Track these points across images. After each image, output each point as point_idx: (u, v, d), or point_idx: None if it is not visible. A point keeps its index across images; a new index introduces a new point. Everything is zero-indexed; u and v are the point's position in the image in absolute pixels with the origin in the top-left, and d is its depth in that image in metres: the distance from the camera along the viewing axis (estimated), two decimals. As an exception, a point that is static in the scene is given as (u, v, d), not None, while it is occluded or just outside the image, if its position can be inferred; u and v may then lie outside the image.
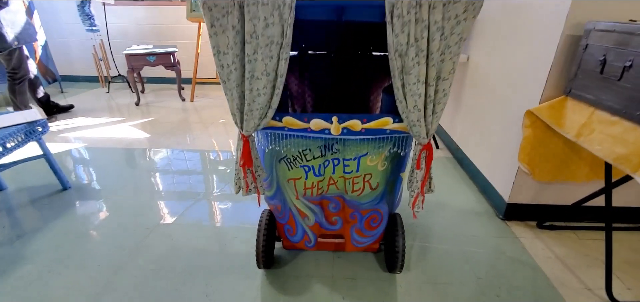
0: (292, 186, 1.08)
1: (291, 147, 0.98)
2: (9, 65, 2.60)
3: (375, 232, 1.21)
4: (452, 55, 0.76)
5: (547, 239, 1.52)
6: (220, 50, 0.77)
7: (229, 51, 0.76)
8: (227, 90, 0.82)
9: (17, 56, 2.60)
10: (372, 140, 0.96)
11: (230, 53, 0.76)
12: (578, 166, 1.45)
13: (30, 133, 1.63)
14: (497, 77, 1.74)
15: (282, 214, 1.19)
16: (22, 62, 2.64)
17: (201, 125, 2.89)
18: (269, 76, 0.79)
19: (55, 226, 1.57)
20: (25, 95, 2.74)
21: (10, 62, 2.58)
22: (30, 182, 1.94)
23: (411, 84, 0.78)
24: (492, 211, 1.71)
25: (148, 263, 1.34)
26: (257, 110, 0.84)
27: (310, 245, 1.24)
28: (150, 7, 3.98)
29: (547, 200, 1.58)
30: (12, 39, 2.49)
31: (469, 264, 1.37)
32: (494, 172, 1.76)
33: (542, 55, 1.36)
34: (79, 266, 1.33)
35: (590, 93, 1.16)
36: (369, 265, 1.34)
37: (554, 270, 1.34)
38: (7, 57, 2.57)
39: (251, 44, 0.74)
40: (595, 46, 1.14)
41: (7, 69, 2.61)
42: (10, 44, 2.49)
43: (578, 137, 1.19)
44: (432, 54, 0.75)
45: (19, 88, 2.66)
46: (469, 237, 1.52)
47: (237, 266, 1.34)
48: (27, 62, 2.69)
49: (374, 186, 1.07)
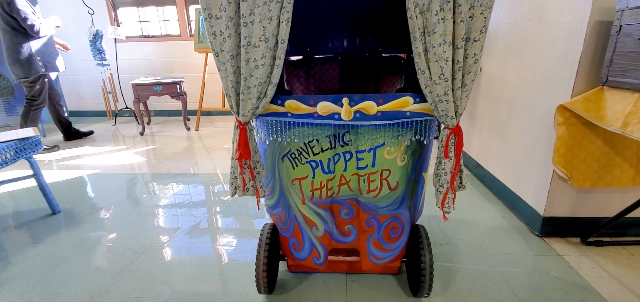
0: (298, 188, 0.93)
1: (295, 137, 0.85)
2: (30, 92, 2.70)
3: (396, 244, 1.03)
4: (483, 9, 0.64)
5: (596, 257, 1.30)
6: (212, 14, 0.67)
7: (221, 14, 0.66)
8: (221, 64, 0.71)
9: (41, 84, 2.71)
10: (389, 127, 0.83)
11: (223, 16, 0.66)
12: (622, 169, 1.27)
13: (20, 150, 1.53)
14: (517, 82, 1.62)
15: (286, 225, 1.03)
16: (43, 91, 2.74)
17: (204, 152, 2.80)
18: (268, 43, 0.68)
19: (37, 250, 1.41)
20: (37, 123, 2.83)
21: (33, 89, 2.68)
22: (18, 207, 1.82)
23: (436, 47, 0.66)
24: (525, 228, 1.51)
25: (131, 290, 1.16)
26: (255, 87, 0.72)
27: (320, 262, 1.05)
28: (159, 43, 4.10)
29: (588, 212, 1.38)
30: (40, 66, 2.63)
31: (508, 286, 1.15)
32: (523, 185, 1.57)
33: (568, 48, 1.25)
34: (54, 294, 1.15)
35: (632, 77, 1.03)
36: (389, 289, 1.14)
37: (612, 291, 1.12)
38: (31, 84, 2.67)
39: (247, 2, 0.64)
40: (632, 25, 1.03)
41: (27, 95, 2.72)
42: (38, 70, 2.62)
43: (625, 128, 1.03)
44: (459, 6, 0.63)
45: (33, 115, 2.75)
46: (503, 256, 1.31)
47: (234, 292, 1.15)
48: (46, 91, 2.78)
49: (393, 185, 0.91)
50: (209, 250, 1.39)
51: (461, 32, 0.65)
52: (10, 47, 2.57)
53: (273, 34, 0.67)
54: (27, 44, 2.59)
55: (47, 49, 2.73)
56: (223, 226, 1.59)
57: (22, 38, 2.57)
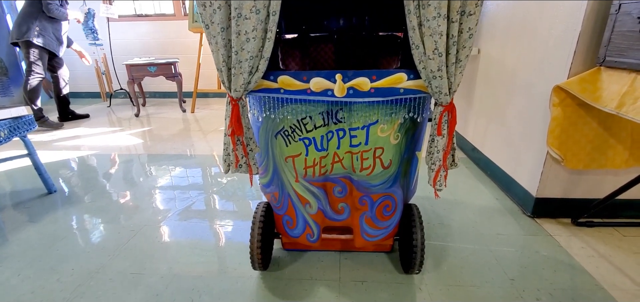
0: (291, 166, 0.93)
1: (288, 114, 0.84)
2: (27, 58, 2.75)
3: (388, 223, 1.04)
4: (478, -18, 0.63)
5: (586, 237, 1.32)
6: (201, -17, 0.65)
7: (211, -17, 0.64)
8: (211, 37, 0.70)
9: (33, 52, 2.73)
10: (383, 104, 0.82)
11: (213, -15, 0.64)
12: (616, 151, 1.28)
13: (14, 129, 1.52)
14: (515, 64, 1.61)
15: (280, 202, 1.03)
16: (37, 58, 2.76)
17: (200, 134, 2.78)
18: (259, 14, 0.66)
19: (33, 229, 1.42)
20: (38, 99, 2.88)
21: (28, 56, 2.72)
22: (14, 186, 1.82)
23: (430, 20, 0.65)
24: (517, 209, 1.53)
25: (128, 266, 1.17)
26: (247, 61, 0.70)
27: (313, 240, 1.07)
28: (153, 23, 4.01)
29: (580, 193, 1.39)
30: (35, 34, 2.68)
31: (499, 264, 1.17)
32: (517, 167, 1.58)
33: (567, 28, 1.23)
34: (51, 270, 1.16)
35: (630, 57, 1.02)
36: (381, 266, 1.16)
37: (600, 270, 1.14)
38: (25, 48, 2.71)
39: (237, -28, 0.63)
40: (632, 4, 1.01)
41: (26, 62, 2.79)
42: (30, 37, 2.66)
43: (620, 108, 1.03)
44: (455, -23, 0.62)
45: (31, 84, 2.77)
46: (495, 236, 1.33)
47: (230, 268, 1.16)
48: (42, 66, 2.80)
49: (386, 163, 0.91)
50: (205, 229, 1.41)
51: (456, 5, 0.64)
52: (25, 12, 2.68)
53: (264, 6, 0.66)
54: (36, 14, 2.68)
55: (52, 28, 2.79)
56: (219, 207, 1.60)
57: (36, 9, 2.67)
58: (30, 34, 2.66)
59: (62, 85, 3.06)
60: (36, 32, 2.68)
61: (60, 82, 3.04)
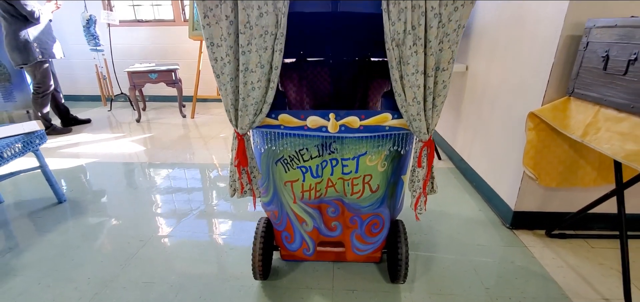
0: (289, 189, 1.04)
1: (287, 146, 0.95)
2: (33, 79, 2.81)
3: (376, 238, 1.16)
4: (451, 44, 0.74)
5: (558, 248, 1.45)
6: (213, 42, 0.75)
7: (222, 43, 0.75)
8: (221, 84, 0.80)
9: (42, 70, 2.79)
10: (371, 138, 0.93)
11: (223, 45, 0.75)
12: (585, 171, 1.40)
13: (27, 143, 1.61)
14: (498, 84, 1.73)
15: (280, 220, 1.14)
16: (45, 77, 2.84)
17: (201, 141, 2.88)
18: (264, 68, 0.77)
19: (47, 238, 1.52)
20: (47, 108, 2.97)
21: (35, 77, 2.78)
22: (26, 196, 1.91)
23: (409, 75, 0.76)
24: (498, 220, 1.65)
25: (140, 276, 1.28)
26: (252, 105, 0.81)
27: (309, 253, 1.18)
28: (153, 28, 4.08)
29: (555, 207, 1.52)
30: (37, 52, 2.70)
31: (477, 274, 1.30)
32: (499, 180, 1.71)
33: (542, 57, 1.35)
34: (68, 279, 1.27)
35: (594, 91, 1.14)
36: (370, 276, 1.28)
37: (568, 280, 1.27)
38: (31, 71, 2.77)
39: (245, 35, 0.73)
40: (597, 43, 1.13)
41: (33, 82, 2.83)
42: (35, 57, 2.69)
43: (584, 137, 1.15)
44: (430, 42, 0.73)
45: (41, 101, 2.89)
46: (476, 247, 1.46)
47: (233, 277, 1.27)
48: (50, 77, 2.88)
49: (374, 188, 1.03)
50: (209, 238, 1.51)
51: (431, 63, 0.75)
52: (9, 34, 2.62)
53: (268, 61, 0.76)
54: (25, 31, 2.64)
55: (44, 35, 2.79)
56: (221, 215, 1.70)
57: (21, 25, 2.61)
58: (34, 55, 2.68)
59: (60, 98, 3.15)
60: (38, 51, 2.71)
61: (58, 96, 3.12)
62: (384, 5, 0.71)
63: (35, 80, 2.82)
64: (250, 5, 0.71)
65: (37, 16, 2.63)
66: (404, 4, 0.69)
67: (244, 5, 0.71)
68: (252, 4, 0.70)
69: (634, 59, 0.98)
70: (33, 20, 2.62)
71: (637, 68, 0.98)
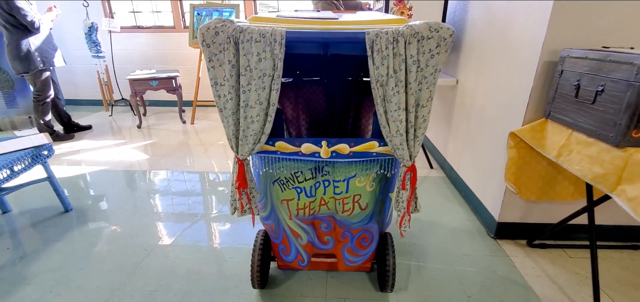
0: (286, 207, 1.13)
1: (284, 169, 1.04)
2: (34, 87, 2.86)
3: (366, 251, 1.25)
4: (428, 85, 0.83)
5: (538, 258, 1.54)
6: (217, 82, 0.84)
7: (225, 83, 0.83)
8: (224, 118, 0.89)
9: (42, 79, 2.86)
10: (360, 162, 1.02)
11: (226, 84, 0.84)
12: (563, 186, 1.50)
13: (36, 157, 1.69)
14: (484, 100, 1.82)
15: (276, 234, 1.23)
16: (46, 85, 2.90)
17: (201, 148, 2.96)
18: (262, 105, 0.85)
19: (56, 247, 1.60)
20: (48, 115, 3.03)
21: (35, 85, 2.84)
22: (33, 204, 1.99)
23: (392, 111, 0.85)
24: (484, 230, 1.75)
25: (146, 284, 1.37)
26: (251, 136, 0.90)
27: (304, 264, 1.27)
28: (153, 34, 4.15)
29: (536, 218, 1.62)
30: (38, 61, 2.77)
31: (460, 283, 1.39)
32: (484, 192, 1.80)
33: (523, 80, 1.44)
34: (78, 288, 1.35)
35: (567, 116, 1.23)
36: (361, 285, 1.37)
37: (544, 289, 1.37)
38: (31, 79, 2.82)
39: (245, 77, 0.82)
40: (570, 72, 1.22)
41: (34, 92, 2.88)
42: (37, 66, 2.76)
43: (558, 158, 1.24)
44: (410, 84, 0.82)
45: (42, 109, 2.94)
46: (461, 256, 1.55)
47: (233, 286, 1.36)
48: (50, 85, 2.95)
49: (363, 206, 1.12)
50: (209, 246, 1.60)
51: (412, 101, 0.84)
52: (10, 43, 2.67)
53: (266, 99, 0.85)
54: (25, 40, 2.70)
55: (45, 44, 2.85)
56: (222, 224, 1.79)
57: (21, 35, 2.67)
58: (36, 64, 2.75)
59: (61, 105, 3.22)
60: (39, 59, 2.77)
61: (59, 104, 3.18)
62: (369, 52, 0.80)
63: (35, 88, 2.87)
64: (250, 52, 0.79)
65: (38, 26, 2.69)
66: (386, 52, 0.78)
67: (244, 52, 0.79)
68: (252, 50, 0.79)
69: (601, 90, 1.08)
70: (33, 30, 2.69)
71: (604, 98, 1.07)
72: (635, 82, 0.96)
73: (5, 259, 1.52)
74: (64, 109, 3.27)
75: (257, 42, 0.79)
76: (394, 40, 0.78)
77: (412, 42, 0.78)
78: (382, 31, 0.78)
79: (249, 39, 0.79)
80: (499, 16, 1.68)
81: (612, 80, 1.04)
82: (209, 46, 0.80)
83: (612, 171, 1.04)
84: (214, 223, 1.81)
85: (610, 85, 1.05)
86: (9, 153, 1.62)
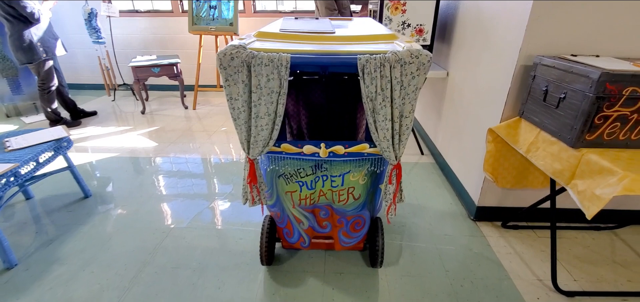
0: (289, 197, 1.31)
1: (288, 166, 1.21)
2: (38, 77, 2.97)
3: (359, 234, 1.44)
4: (410, 100, 0.98)
5: (510, 238, 1.76)
6: (232, 97, 0.99)
7: (239, 98, 0.98)
8: (237, 126, 1.05)
9: (46, 69, 2.96)
10: (353, 161, 1.19)
11: (240, 99, 0.99)
12: (534, 175, 1.69)
13: (58, 148, 1.84)
14: (470, 94, 1.97)
15: (281, 219, 1.42)
16: (49, 74, 3.00)
17: (205, 133, 3.11)
18: (270, 116, 1.01)
19: (82, 230, 1.79)
20: (54, 102, 3.14)
21: (39, 74, 2.95)
22: (52, 192, 2.16)
23: (380, 121, 1.01)
24: (465, 213, 1.95)
25: (167, 262, 1.57)
26: (261, 141, 1.06)
27: (305, 245, 1.47)
28: (153, 19, 4.18)
29: (510, 203, 1.82)
30: (41, 51, 2.85)
31: (440, 259, 1.60)
32: (467, 178, 1.99)
33: (502, 81, 1.59)
34: (107, 266, 1.55)
35: (537, 116, 1.40)
36: (355, 261, 1.58)
37: (512, 264, 1.58)
38: (35, 69, 2.92)
39: (256, 93, 0.97)
40: (541, 78, 1.37)
41: (38, 80, 2.99)
42: (40, 56, 2.85)
43: (527, 153, 1.42)
44: (394, 100, 0.97)
45: (48, 97, 3.06)
46: (443, 236, 1.76)
47: (243, 263, 1.57)
48: (54, 74, 3.05)
49: (356, 196, 1.30)
50: (221, 229, 1.80)
51: (397, 113, 1.00)
52: (12, 35, 2.75)
53: (273, 111, 1.00)
54: (27, 31, 2.77)
55: (46, 35, 2.92)
56: (231, 207, 1.98)
57: (22, 26, 2.74)
58: (38, 54, 2.82)
59: (66, 92, 3.32)
60: (42, 49, 2.85)
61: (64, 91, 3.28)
62: (361, 74, 0.95)
63: (40, 77, 2.97)
64: (261, 74, 0.94)
65: (37, 17, 2.75)
66: (374, 74, 0.93)
67: (255, 73, 0.94)
68: (262, 72, 0.94)
69: (563, 97, 1.24)
70: (33, 21, 2.75)
71: (565, 104, 1.23)
72: (590, 93, 1.12)
73: (36, 242, 1.71)
74: (69, 96, 3.37)
75: (267, 66, 0.93)
76: (381, 64, 0.92)
77: (396, 66, 0.93)
78: (371, 57, 0.93)
79: (259, 63, 0.93)
80: (486, 16, 1.80)
81: (572, 90, 1.20)
82: (226, 69, 0.94)
83: (568, 167, 1.23)
84: (224, 206, 1.99)
85: (570, 94, 1.21)
86: (32, 146, 1.77)
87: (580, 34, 1.41)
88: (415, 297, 1.40)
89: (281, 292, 1.42)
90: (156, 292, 1.41)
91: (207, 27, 3.54)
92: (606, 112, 1.14)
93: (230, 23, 3.54)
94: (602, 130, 1.17)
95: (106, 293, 1.41)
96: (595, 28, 1.40)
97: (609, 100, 1.12)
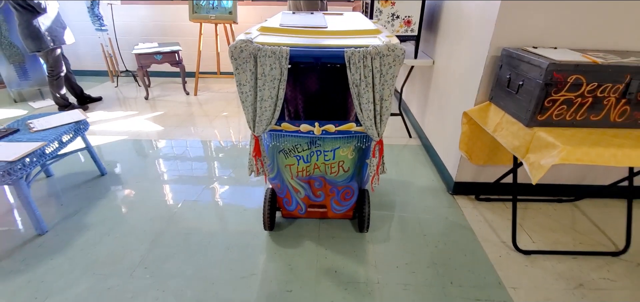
0: (288, 170, 1.53)
1: (287, 143, 1.42)
2: (47, 63, 3.12)
3: (348, 203, 1.67)
4: (389, 86, 1.19)
5: (482, 209, 2.00)
6: (241, 83, 1.19)
7: (247, 84, 1.18)
8: (245, 107, 1.25)
9: (54, 56, 3.11)
10: (343, 137, 1.41)
11: (247, 85, 1.19)
12: (503, 153, 1.92)
13: (77, 130, 2.03)
14: (451, 81, 2.18)
15: (281, 190, 1.64)
16: (57, 62, 3.16)
17: (206, 119, 3.30)
18: (273, 99, 1.22)
19: (102, 203, 2.00)
20: (62, 88, 3.32)
21: (48, 62, 3.10)
22: (71, 170, 2.35)
23: (364, 104, 1.22)
24: (445, 188, 2.19)
25: (180, 229, 1.79)
26: (265, 120, 1.27)
27: (302, 212, 1.70)
28: (153, 6, 4.29)
29: (483, 178, 2.05)
30: (49, 40, 2.99)
31: (420, 226, 1.84)
32: (447, 157, 2.22)
33: (476, 69, 1.80)
34: (129, 233, 1.77)
35: (502, 101, 1.62)
36: (345, 228, 1.81)
37: (481, 230, 1.83)
38: (44, 57, 3.08)
39: (261, 80, 1.17)
40: (506, 67, 1.59)
41: (47, 67, 3.16)
42: (48, 45, 2.99)
43: (494, 132, 1.64)
44: (376, 85, 1.18)
45: (56, 83, 3.23)
46: (424, 208, 2.00)
47: (248, 230, 1.79)
48: (62, 62, 3.21)
49: (346, 169, 1.52)
50: (228, 200, 2.02)
51: (378, 97, 1.21)
52: (21, 24, 2.89)
53: (276, 95, 1.20)
54: (35, 20, 2.90)
55: (54, 24, 3.05)
56: (236, 183, 2.20)
57: (30, 15, 2.87)
58: (46, 43, 2.96)
59: (74, 79, 3.47)
60: (50, 38, 2.98)
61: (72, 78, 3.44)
62: (347, 64, 1.15)
63: (48, 65, 3.12)
64: (265, 64, 1.14)
65: (44, 7, 2.89)
66: (358, 64, 1.13)
67: (260, 63, 1.13)
68: (266, 63, 1.13)
69: (521, 84, 1.45)
70: (40, 11, 2.88)
71: (523, 90, 1.45)
72: (540, 80, 1.34)
73: (61, 213, 1.92)
74: (77, 83, 3.52)
75: (270, 57, 1.13)
76: (364, 57, 1.13)
77: (376, 58, 1.13)
78: (356, 50, 1.13)
79: (264, 55, 1.13)
80: (465, 12, 2.00)
81: (528, 78, 1.41)
82: (236, 59, 1.14)
83: (523, 144, 1.45)
84: (229, 183, 2.21)
85: (526, 81, 1.42)
86: (54, 127, 1.96)
87: (542, 29, 1.62)
88: (396, 255, 1.64)
89: (281, 252, 1.65)
90: (173, 252, 1.63)
91: (207, 15, 3.68)
92: (554, 96, 1.36)
93: (229, 12, 3.68)
94: (551, 112, 1.39)
95: (129, 254, 1.63)
96: (555, 23, 1.60)
97: (556, 87, 1.34)
